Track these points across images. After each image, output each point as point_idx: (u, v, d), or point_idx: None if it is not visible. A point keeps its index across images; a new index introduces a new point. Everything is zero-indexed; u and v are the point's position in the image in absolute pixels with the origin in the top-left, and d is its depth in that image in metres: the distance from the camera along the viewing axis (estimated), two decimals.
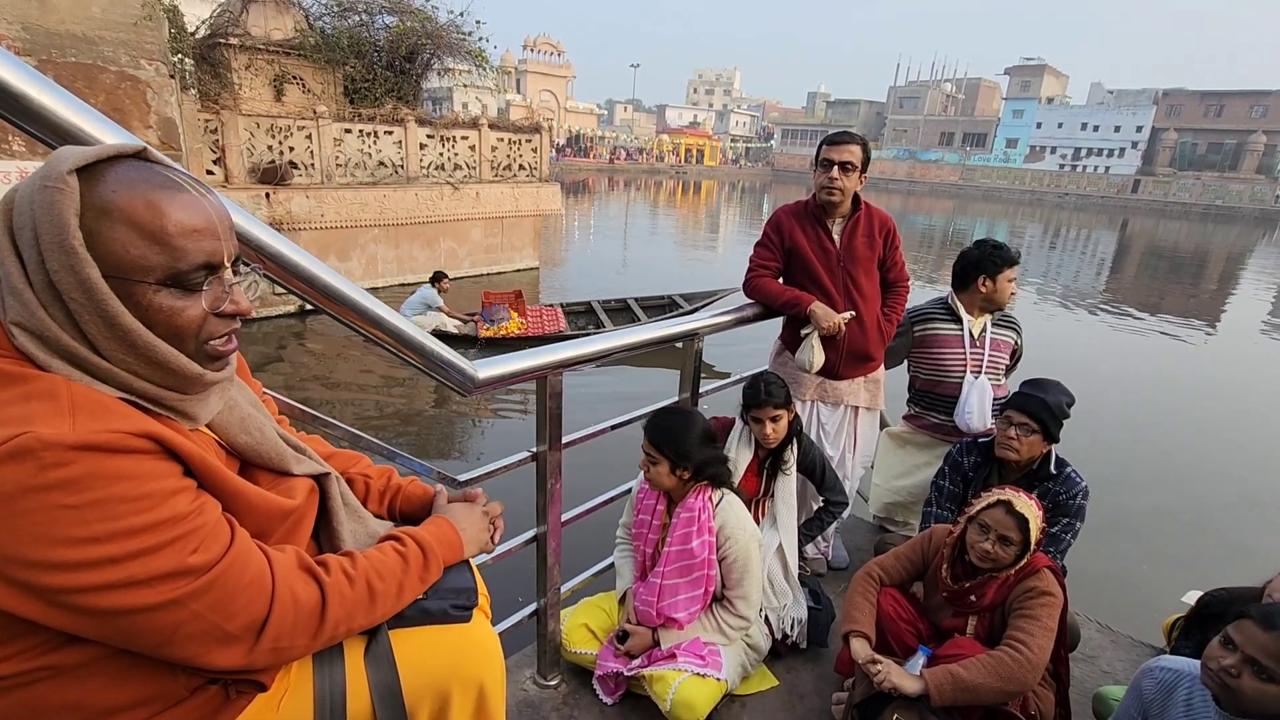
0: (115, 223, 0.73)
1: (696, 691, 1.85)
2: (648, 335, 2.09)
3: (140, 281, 0.75)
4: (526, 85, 54.73)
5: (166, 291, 0.77)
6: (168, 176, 0.78)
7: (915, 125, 66.03)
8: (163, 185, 0.77)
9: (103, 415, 0.72)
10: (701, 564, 1.96)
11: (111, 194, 0.73)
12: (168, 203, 0.76)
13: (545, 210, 13.77)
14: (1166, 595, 2.72)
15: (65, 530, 0.67)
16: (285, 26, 10.64)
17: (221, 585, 0.77)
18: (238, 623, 0.79)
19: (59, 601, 0.69)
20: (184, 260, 0.77)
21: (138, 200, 0.74)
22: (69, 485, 0.67)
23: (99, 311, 0.73)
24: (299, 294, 1.26)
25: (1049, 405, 2.19)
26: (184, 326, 0.79)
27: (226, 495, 0.83)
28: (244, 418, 0.93)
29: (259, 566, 0.82)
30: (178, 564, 0.73)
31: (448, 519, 1.14)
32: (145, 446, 0.73)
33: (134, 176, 0.76)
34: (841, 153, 2.41)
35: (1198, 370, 10.22)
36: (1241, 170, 49.86)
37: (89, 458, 0.68)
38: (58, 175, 0.71)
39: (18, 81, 0.90)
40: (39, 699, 0.76)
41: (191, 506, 0.76)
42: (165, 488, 0.74)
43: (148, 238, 0.74)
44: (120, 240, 0.73)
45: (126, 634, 0.74)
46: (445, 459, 6.18)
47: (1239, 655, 1.39)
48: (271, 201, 9.65)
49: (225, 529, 0.80)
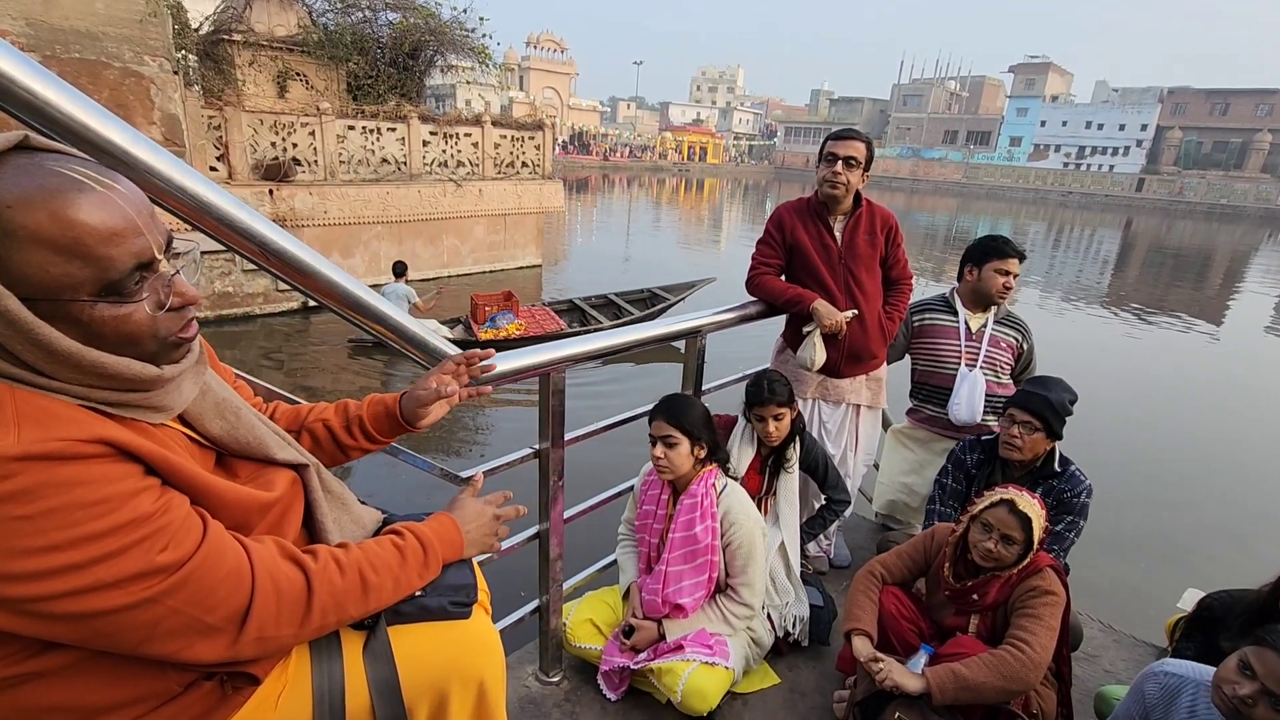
0: (23, 244, 0.66)
1: (707, 680, 1.85)
2: (651, 333, 2.09)
3: (73, 300, 0.70)
4: (530, 82, 54.71)
5: (104, 303, 0.72)
6: (64, 174, 0.70)
7: (919, 123, 65.85)
8: (61, 189, 0.69)
9: (50, 423, 0.69)
10: (706, 549, 1.96)
11: (8, 211, 0.66)
12: (74, 209, 0.68)
13: (548, 208, 13.77)
14: (1169, 595, 2.71)
15: (22, 541, 0.66)
16: (289, 23, 10.64)
17: (197, 580, 0.76)
18: (218, 615, 0.78)
19: (29, 611, 0.68)
20: (113, 269, 0.71)
21: (40, 214, 0.67)
22: (19, 497, 0.65)
23: (31, 340, 0.68)
24: (303, 290, 1.26)
25: (1051, 403, 2.19)
26: (134, 332, 0.75)
27: (195, 491, 0.81)
28: (218, 402, 0.92)
29: (236, 558, 0.81)
30: (146, 564, 0.72)
31: (452, 516, 1.13)
32: (97, 451, 0.71)
33: (26, 184, 0.67)
34: (846, 148, 2.40)
35: (1202, 370, 10.19)
36: (1247, 169, 49.66)
37: (36, 468, 0.66)
38: None
39: (24, 77, 0.90)
40: (27, 701, 0.75)
41: (155, 506, 0.75)
42: (124, 490, 0.72)
43: (65, 253, 0.68)
44: (35, 262, 0.67)
45: (104, 636, 0.73)
46: (448, 455, 6.19)
47: (1257, 685, 1.36)
48: (275, 198, 9.66)
49: (196, 523, 0.79)
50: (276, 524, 0.94)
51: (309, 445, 1.20)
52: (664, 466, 1.96)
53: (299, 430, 1.21)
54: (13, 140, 0.70)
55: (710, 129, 76.26)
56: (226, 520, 0.84)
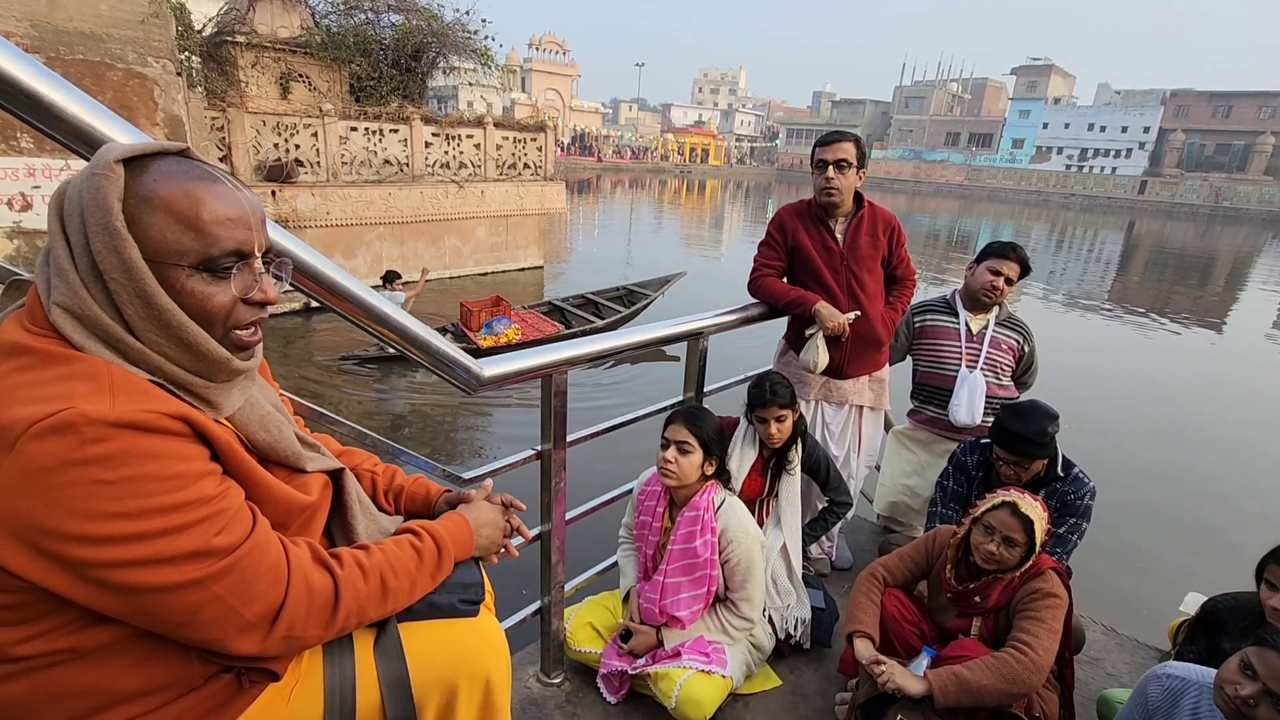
0: (155, 209, 0.78)
1: (702, 688, 1.85)
2: (653, 334, 2.09)
3: (175, 265, 0.79)
4: (532, 84, 54.74)
5: (199, 276, 0.81)
6: (206, 170, 0.83)
7: (921, 125, 65.80)
8: (200, 178, 0.81)
9: (140, 396, 0.75)
10: (704, 563, 1.96)
11: (153, 183, 0.78)
12: (204, 193, 0.80)
13: (550, 209, 13.79)
14: (1172, 598, 2.70)
15: (99, 505, 0.69)
16: (292, 24, 10.67)
17: (242, 569, 0.79)
18: (254, 609, 0.80)
19: (87, 575, 0.71)
20: (216, 246, 0.81)
21: (177, 190, 0.79)
22: (106, 461, 0.70)
23: (137, 291, 0.77)
24: (305, 291, 1.27)
25: (1030, 440, 2.14)
26: (213, 310, 0.82)
27: (250, 484, 0.86)
28: (264, 415, 0.95)
29: (276, 554, 0.84)
30: (203, 544, 0.76)
31: (464, 516, 1.15)
32: (179, 428, 0.76)
33: (175, 170, 0.80)
34: (834, 151, 2.40)
35: (1205, 372, 10.16)
36: (1249, 171, 49.55)
37: (126, 435, 0.71)
38: (105, 163, 0.76)
39: (28, 78, 0.91)
40: (58, 682, 0.77)
41: (218, 490, 0.79)
42: (195, 469, 0.77)
43: (184, 224, 0.79)
44: (159, 225, 0.78)
45: (148, 612, 0.76)
46: (450, 458, 6.19)
47: (1259, 686, 1.35)
48: (277, 199, 9.67)
49: (248, 514, 0.83)
50: (305, 527, 0.97)
51: None
52: (671, 471, 1.95)
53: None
54: (178, 146, 0.84)
55: (712, 130, 76.25)
56: (269, 518, 0.87)
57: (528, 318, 9.13)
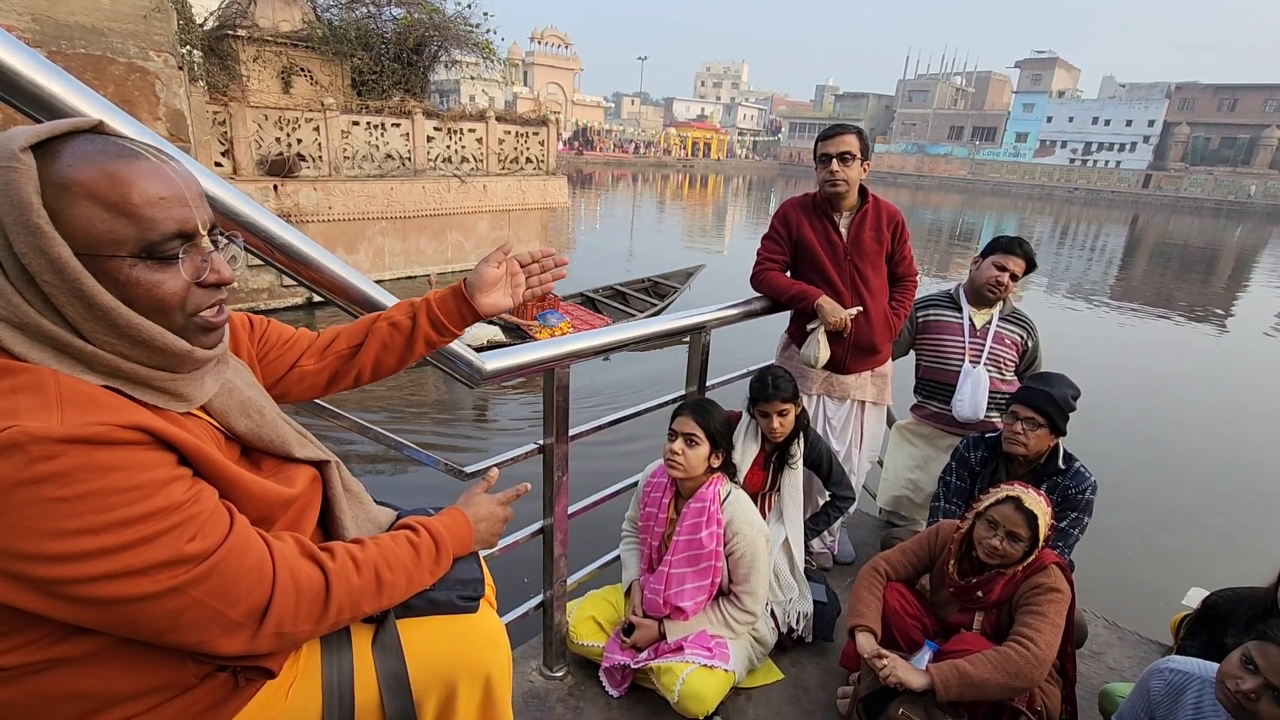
0: (77, 198, 0.71)
1: (704, 682, 1.85)
2: (655, 328, 2.09)
3: (113, 256, 0.73)
4: (534, 78, 54.59)
5: (142, 265, 0.75)
6: (125, 146, 0.76)
7: (924, 119, 65.54)
8: (120, 155, 0.74)
9: (91, 408, 0.71)
10: (709, 555, 1.96)
11: (68, 169, 0.71)
12: (128, 172, 0.73)
13: (552, 203, 13.79)
14: (1174, 592, 2.71)
15: (58, 523, 0.67)
16: (293, 18, 10.65)
17: (221, 572, 0.76)
18: (239, 609, 0.78)
19: (57, 593, 0.69)
20: (154, 230, 0.74)
21: (96, 173, 0.72)
22: (58, 478, 0.66)
23: (74, 291, 0.71)
24: (308, 285, 1.27)
25: (1054, 398, 2.18)
26: (166, 299, 0.77)
27: (225, 483, 0.82)
28: (243, 400, 0.92)
29: (259, 553, 0.81)
30: (175, 552, 0.73)
31: (464, 512, 1.13)
32: (135, 438, 0.72)
33: (89, 149, 0.73)
34: (837, 144, 2.39)
35: (1208, 366, 10.14)
36: (1255, 165, 49.33)
37: (77, 450, 0.67)
38: (10, 154, 0.69)
39: (31, 71, 0.91)
40: (48, 688, 0.76)
41: (187, 495, 0.75)
42: (158, 477, 0.73)
43: (113, 210, 0.72)
44: (85, 215, 0.71)
45: (128, 623, 0.74)
46: (453, 451, 6.20)
47: (1260, 680, 1.35)
48: (279, 194, 9.67)
49: (223, 516, 0.79)
50: (295, 520, 0.95)
51: (375, 349, 1.21)
52: (678, 463, 1.95)
53: (363, 339, 1.21)
54: (89, 123, 0.76)
55: (715, 125, 76.03)
56: (251, 514, 0.85)
57: (574, 310, 9.13)
